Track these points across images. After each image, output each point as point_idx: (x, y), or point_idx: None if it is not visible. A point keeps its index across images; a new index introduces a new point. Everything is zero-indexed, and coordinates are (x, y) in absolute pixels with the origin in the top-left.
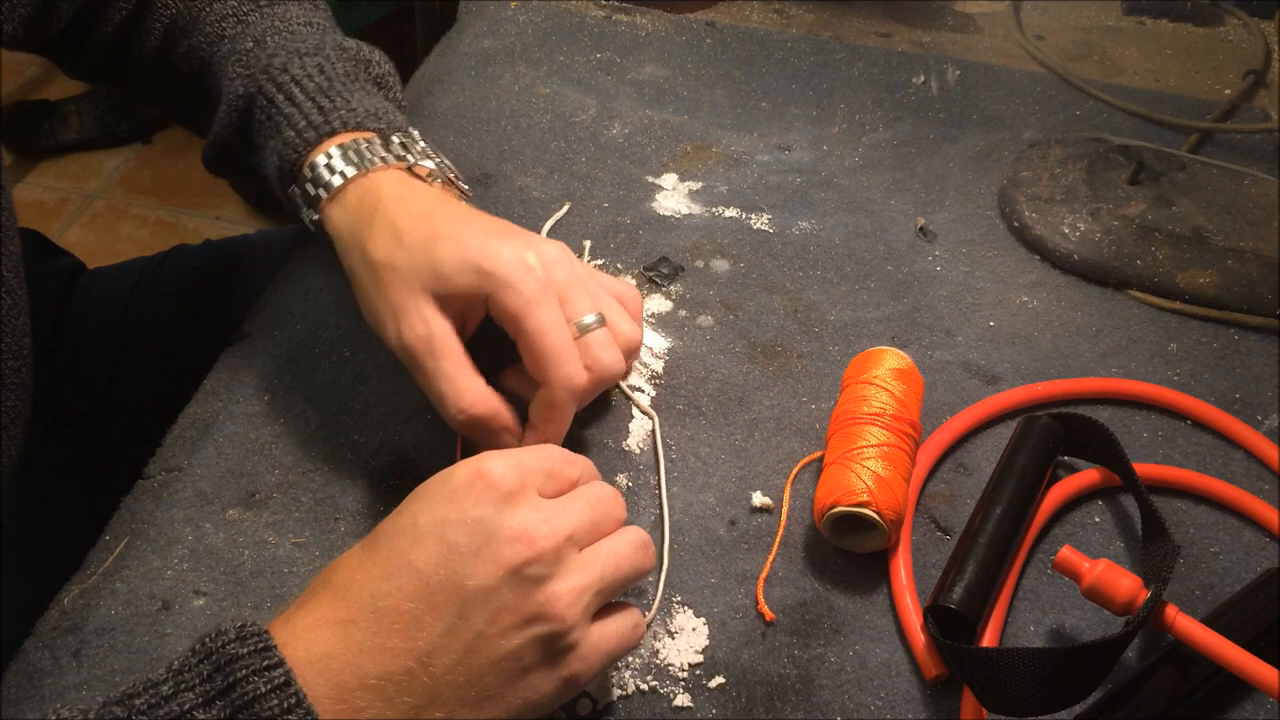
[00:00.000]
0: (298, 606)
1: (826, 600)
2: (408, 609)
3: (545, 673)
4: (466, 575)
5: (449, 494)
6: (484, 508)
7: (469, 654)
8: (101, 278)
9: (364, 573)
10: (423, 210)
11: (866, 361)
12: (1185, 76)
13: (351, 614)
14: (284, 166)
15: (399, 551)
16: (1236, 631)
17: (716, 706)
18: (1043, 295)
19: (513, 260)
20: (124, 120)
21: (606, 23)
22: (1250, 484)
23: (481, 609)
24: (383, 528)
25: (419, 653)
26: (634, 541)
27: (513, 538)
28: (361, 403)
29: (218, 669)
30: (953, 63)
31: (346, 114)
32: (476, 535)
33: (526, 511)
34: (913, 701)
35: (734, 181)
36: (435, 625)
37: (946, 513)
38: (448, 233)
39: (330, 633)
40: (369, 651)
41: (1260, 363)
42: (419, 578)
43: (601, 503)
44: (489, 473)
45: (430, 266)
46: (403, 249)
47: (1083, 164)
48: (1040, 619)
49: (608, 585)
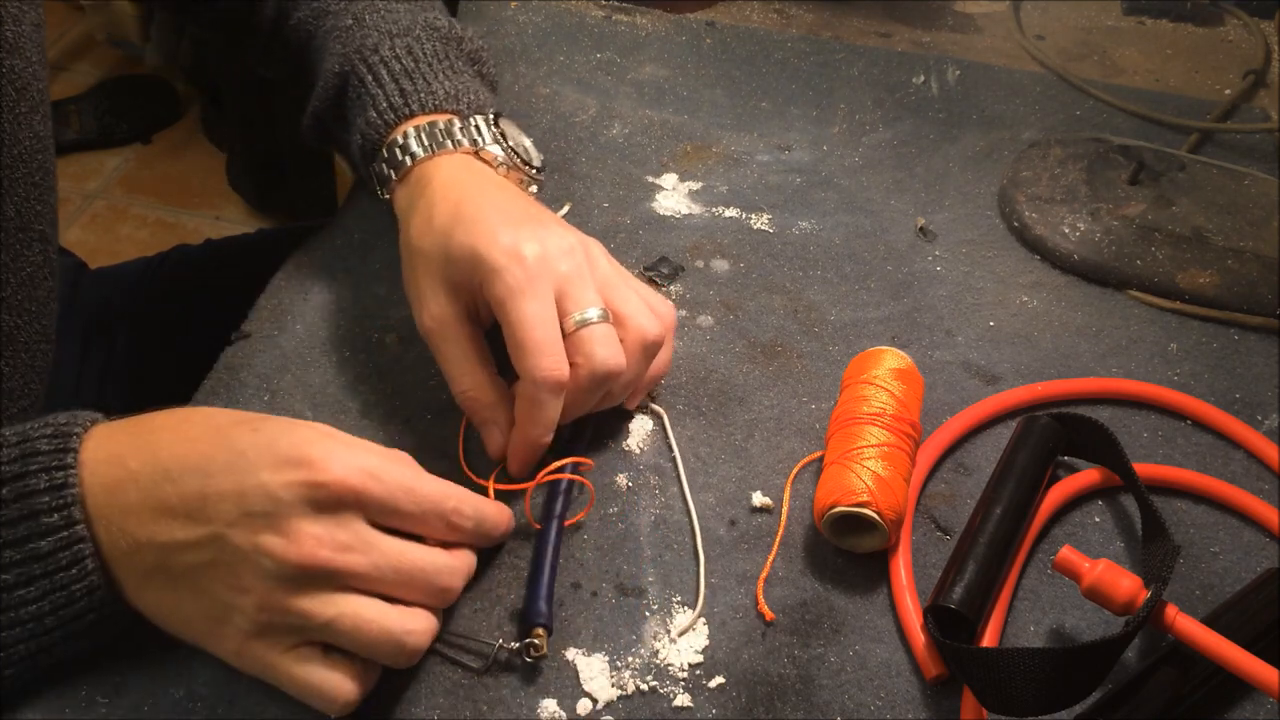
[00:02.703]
0: (131, 425)
1: (826, 600)
2: (176, 506)
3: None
4: (233, 536)
5: (274, 456)
6: (290, 492)
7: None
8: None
9: (175, 449)
10: (462, 195)
11: (866, 361)
12: (1185, 76)
13: (137, 474)
14: (365, 146)
15: (211, 462)
16: (1236, 631)
17: (716, 706)
18: (1043, 295)
19: (507, 248)
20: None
21: (606, 23)
22: (1250, 484)
23: (228, 573)
24: (224, 418)
25: (159, 544)
26: (396, 620)
27: (287, 537)
28: (361, 403)
29: (21, 456)
30: (953, 63)
31: (426, 96)
32: (263, 520)
33: (318, 526)
34: (913, 701)
35: (734, 181)
36: (184, 537)
37: (946, 513)
38: (469, 217)
39: (117, 472)
40: (128, 511)
41: (1260, 363)
42: (200, 502)
43: (421, 571)
44: (322, 466)
45: (444, 253)
46: (430, 233)
47: (1083, 164)
48: (1040, 619)
49: (337, 631)
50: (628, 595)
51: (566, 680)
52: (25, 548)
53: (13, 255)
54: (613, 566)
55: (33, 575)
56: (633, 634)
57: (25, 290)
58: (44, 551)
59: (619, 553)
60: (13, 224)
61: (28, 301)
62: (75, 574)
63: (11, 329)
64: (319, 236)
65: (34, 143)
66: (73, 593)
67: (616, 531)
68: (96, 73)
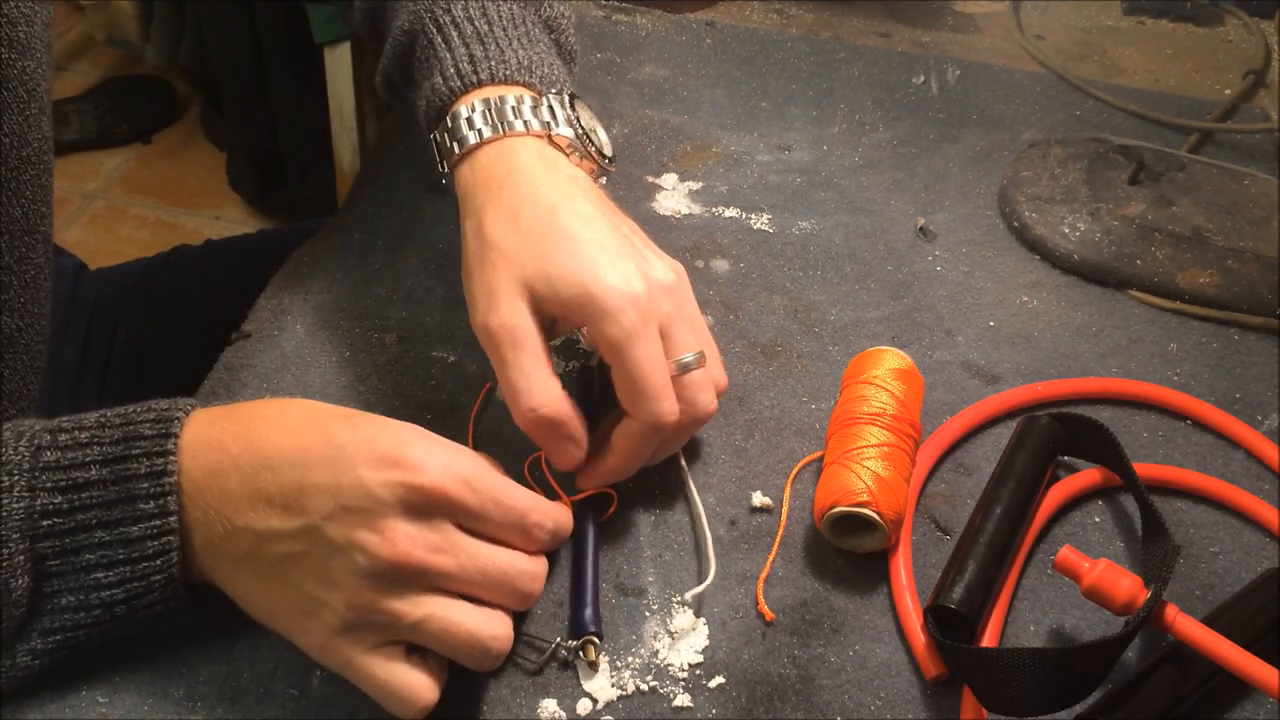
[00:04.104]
0: (232, 411)
1: (826, 600)
2: (274, 496)
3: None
4: (328, 529)
5: (372, 453)
6: (388, 492)
7: (289, 562)
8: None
9: (275, 439)
10: (550, 197)
11: (866, 361)
12: (1185, 76)
13: (238, 461)
14: (430, 112)
15: (309, 454)
16: (1236, 631)
17: (716, 706)
18: (1043, 295)
19: (619, 289)
20: (124, 120)
21: (606, 23)
22: (1250, 484)
23: (320, 564)
24: (323, 411)
25: (255, 531)
26: (483, 624)
27: (381, 534)
28: (361, 403)
29: (123, 439)
30: (953, 63)
31: (498, 64)
32: (359, 516)
33: (412, 526)
34: (913, 701)
35: (734, 181)
36: (279, 527)
37: (946, 513)
38: (566, 234)
39: (219, 457)
40: (227, 497)
41: (1260, 363)
42: (298, 493)
43: (506, 575)
44: (420, 468)
45: (538, 266)
46: (517, 234)
47: (1083, 164)
48: (1040, 619)
49: (426, 633)
50: (628, 595)
51: (566, 680)
52: (116, 530)
53: (17, 258)
54: (613, 566)
55: (116, 560)
56: (633, 634)
57: (28, 292)
58: (133, 537)
59: (619, 553)
60: (19, 226)
61: (30, 303)
62: (160, 564)
63: (13, 331)
64: (319, 236)
65: (41, 144)
66: (152, 583)
67: (616, 531)
68: (96, 73)
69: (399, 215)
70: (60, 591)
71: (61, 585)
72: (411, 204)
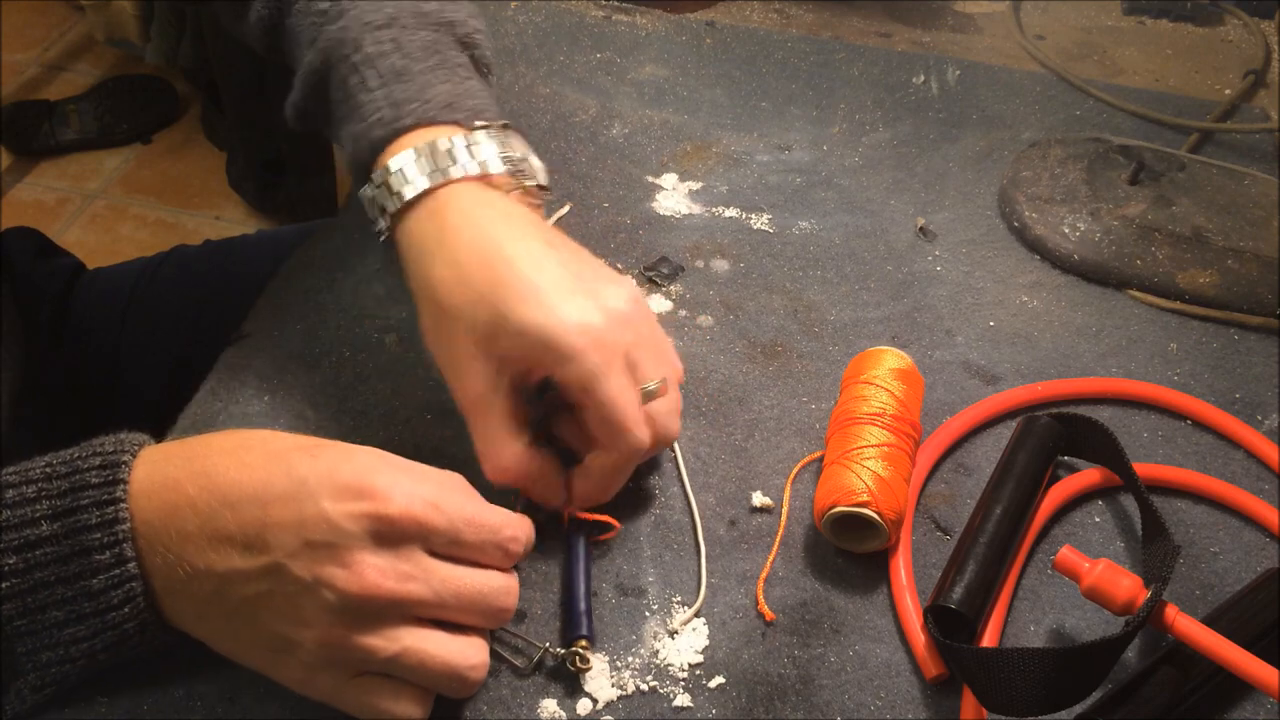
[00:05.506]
0: (184, 448)
1: (826, 600)
2: (235, 535)
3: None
4: (293, 567)
5: (335, 485)
6: (354, 524)
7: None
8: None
9: (233, 475)
10: (493, 244)
11: (866, 361)
12: (1185, 76)
13: (195, 501)
14: (356, 162)
15: (269, 489)
16: (1236, 631)
17: (716, 706)
18: (1043, 295)
19: (577, 326)
20: (124, 120)
21: (606, 23)
22: (1250, 484)
23: (289, 605)
24: (282, 442)
25: (217, 573)
26: (459, 653)
27: (349, 569)
28: (361, 403)
29: (70, 490)
30: (953, 63)
31: (420, 106)
32: (325, 551)
33: (380, 557)
34: (913, 701)
35: (734, 181)
36: (243, 567)
37: (946, 513)
38: (516, 280)
39: (174, 498)
40: (186, 539)
41: (1260, 363)
42: (259, 530)
43: (480, 595)
44: (385, 497)
45: (492, 321)
46: (466, 289)
47: (1083, 164)
48: (1040, 619)
49: (402, 666)
50: (628, 595)
51: (566, 680)
52: (77, 585)
53: None
54: (613, 566)
55: (83, 613)
56: (633, 634)
57: None
58: (95, 590)
59: (619, 553)
60: None
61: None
62: (128, 612)
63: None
64: (319, 236)
65: None
66: (124, 631)
67: (616, 531)
68: (96, 73)
69: None
70: (37, 650)
71: (36, 644)
72: None
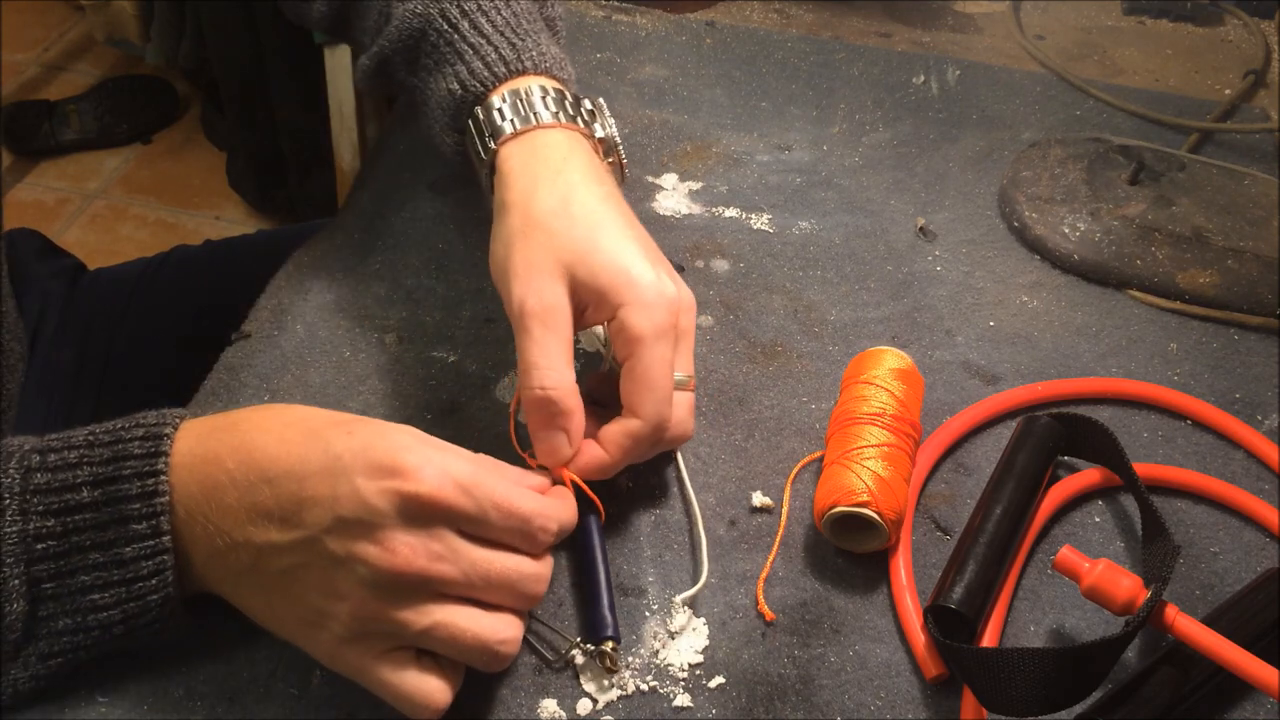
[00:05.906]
0: (224, 422)
1: (826, 600)
2: (272, 509)
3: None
4: (328, 542)
5: (368, 462)
6: (384, 501)
7: (291, 574)
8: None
9: (272, 450)
10: (599, 191)
11: (866, 361)
12: (1185, 76)
13: (234, 475)
14: (465, 96)
15: (305, 464)
16: (1236, 631)
17: (716, 706)
18: (1043, 295)
19: (659, 286)
20: (124, 120)
21: (606, 23)
22: (1250, 484)
23: (321, 574)
24: (319, 419)
25: (255, 545)
26: (490, 628)
27: (381, 545)
28: (361, 403)
29: (113, 459)
30: (953, 63)
31: (538, 56)
32: (358, 528)
33: (412, 535)
34: (913, 701)
35: (734, 181)
36: (279, 540)
37: (946, 513)
38: (615, 228)
39: (215, 472)
40: (226, 512)
41: (1260, 363)
42: (295, 506)
43: (509, 579)
44: (416, 476)
45: (584, 250)
46: (567, 218)
47: (1083, 164)
48: (1040, 619)
49: (433, 640)
50: (628, 595)
51: (566, 680)
52: (110, 552)
53: None
54: (613, 566)
55: (110, 581)
56: (633, 634)
57: None
58: (127, 558)
59: (619, 553)
60: None
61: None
62: (155, 584)
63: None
64: (319, 236)
65: None
66: (148, 603)
67: (617, 531)
68: (96, 73)
69: (399, 215)
70: (56, 615)
71: (57, 608)
72: (411, 204)
